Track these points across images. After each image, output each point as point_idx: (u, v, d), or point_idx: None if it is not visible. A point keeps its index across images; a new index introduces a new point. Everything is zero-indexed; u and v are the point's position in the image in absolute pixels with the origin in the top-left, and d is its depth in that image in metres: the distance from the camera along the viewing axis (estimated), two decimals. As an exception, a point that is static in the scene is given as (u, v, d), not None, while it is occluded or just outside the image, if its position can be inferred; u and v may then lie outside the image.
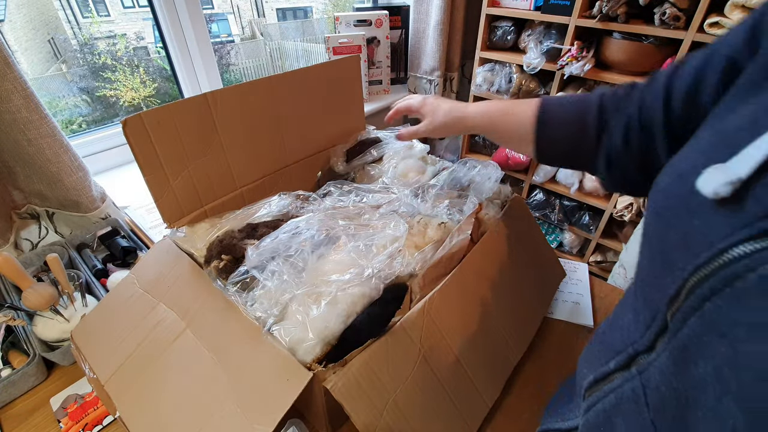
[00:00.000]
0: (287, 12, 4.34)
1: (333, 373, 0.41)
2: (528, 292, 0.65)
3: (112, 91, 1.48)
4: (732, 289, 0.20)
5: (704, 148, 0.27)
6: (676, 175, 0.28)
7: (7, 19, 1.26)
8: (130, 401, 0.46)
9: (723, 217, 0.22)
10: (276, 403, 0.41)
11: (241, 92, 0.62)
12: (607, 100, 0.45)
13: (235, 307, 0.49)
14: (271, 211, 0.58)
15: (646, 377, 0.27)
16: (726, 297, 0.21)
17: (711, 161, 0.24)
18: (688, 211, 0.25)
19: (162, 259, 0.57)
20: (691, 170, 0.25)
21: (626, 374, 0.29)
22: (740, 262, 0.20)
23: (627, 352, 0.30)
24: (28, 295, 0.63)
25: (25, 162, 0.74)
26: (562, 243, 1.82)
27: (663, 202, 0.28)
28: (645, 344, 0.28)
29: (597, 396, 0.32)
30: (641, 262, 0.31)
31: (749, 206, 0.21)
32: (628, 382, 0.29)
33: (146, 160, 0.55)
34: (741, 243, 0.21)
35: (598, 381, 0.33)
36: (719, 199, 0.22)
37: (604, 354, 0.34)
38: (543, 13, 1.39)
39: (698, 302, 0.22)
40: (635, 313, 0.31)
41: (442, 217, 0.57)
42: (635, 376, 0.28)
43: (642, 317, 0.29)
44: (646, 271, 0.30)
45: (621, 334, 0.32)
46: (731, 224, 0.21)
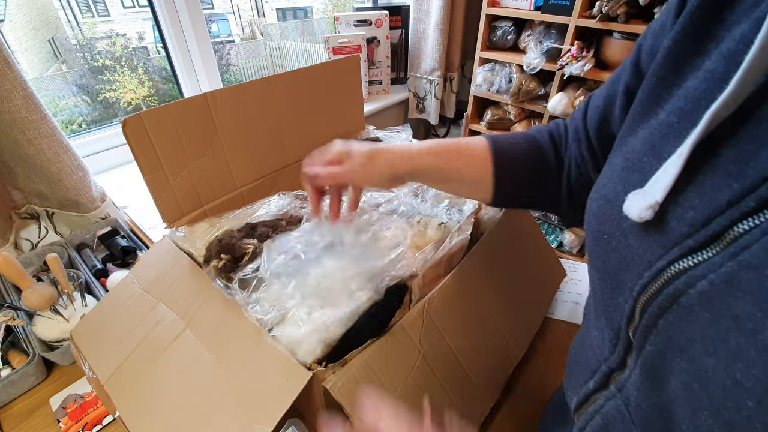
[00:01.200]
0: (287, 12, 4.34)
1: (332, 373, 0.41)
2: (528, 292, 0.65)
3: (112, 92, 1.48)
4: (678, 305, 0.22)
5: (619, 173, 0.29)
6: (604, 200, 0.30)
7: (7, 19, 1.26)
8: (129, 401, 0.46)
9: (654, 236, 0.24)
10: (275, 402, 0.41)
11: (241, 92, 0.62)
12: (557, 138, 0.45)
13: (235, 306, 0.49)
14: (270, 211, 0.58)
15: (625, 395, 0.27)
16: (675, 313, 0.22)
17: (629, 186, 0.26)
18: (622, 233, 0.27)
19: (162, 259, 0.57)
20: (615, 196, 0.27)
21: (606, 393, 0.30)
22: (679, 279, 0.22)
23: (602, 370, 0.30)
24: (27, 295, 0.63)
25: (25, 162, 0.74)
26: (562, 243, 1.82)
27: (598, 226, 0.30)
28: (616, 361, 0.29)
29: (584, 419, 0.32)
30: (593, 282, 0.33)
31: (673, 225, 0.23)
32: (610, 401, 0.29)
33: (146, 160, 0.55)
34: (675, 261, 0.22)
35: (582, 403, 0.33)
36: (644, 222, 0.24)
37: (581, 374, 0.34)
38: (543, 13, 1.39)
39: (652, 320, 0.23)
40: (600, 331, 0.32)
41: (441, 217, 0.57)
42: (615, 395, 0.29)
43: (606, 335, 0.30)
44: (600, 291, 0.31)
45: (593, 353, 0.33)
46: (662, 244, 0.23)
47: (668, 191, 0.23)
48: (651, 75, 0.29)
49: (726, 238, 0.21)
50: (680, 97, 0.26)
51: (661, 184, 0.24)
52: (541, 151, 0.45)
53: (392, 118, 1.87)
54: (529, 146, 0.45)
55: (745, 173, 0.21)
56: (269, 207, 0.59)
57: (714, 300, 0.20)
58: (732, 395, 0.18)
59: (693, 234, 0.22)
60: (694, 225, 0.22)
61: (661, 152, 0.26)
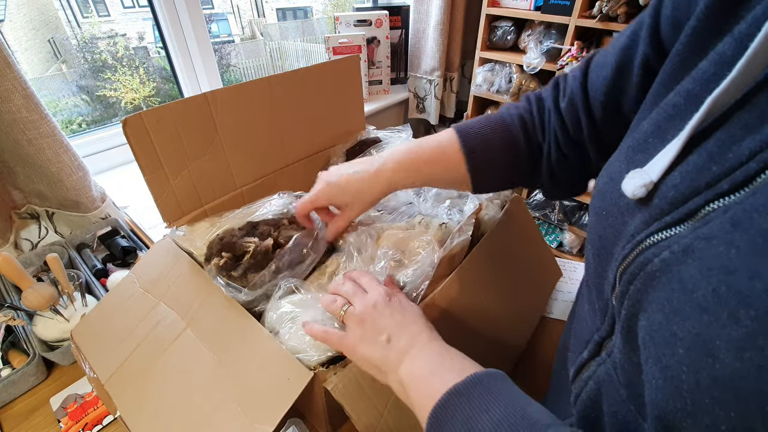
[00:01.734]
0: (287, 12, 4.34)
1: (333, 374, 0.41)
2: (527, 292, 0.65)
3: (112, 91, 1.48)
4: (644, 272, 0.24)
5: (626, 153, 0.30)
6: (608, 178, 0.31)
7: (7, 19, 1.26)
8: (130, 401, 0.46)
9: (641, 213, 0.26)
10: (276, 402, 0.41)
11: (241, 92, 0.62)
12: (528, 121, 0.45)
13: (236, 306, 0.49)
14: (271, 210, 0.58)
15: (613, 359, 0.29)
16: (641, 279, 0.24)
17: (631, 166, 0.27)
18: (619, 210, 0.28)
19: (162, 258, 0.57)
20: (618, 175, 0.28)
21: (599, 359, 0.31)
22: (650, 249, 0.24)
23: (594, 339, 0.32)
24: (28, 295, 0.63)
25: (25, 162, 0.74)
26: (562, 243, 1.82)
27: (599, 203, 0.31)
28: (606, 330, 0.30)
29: (580, 386, 0.34)
30: (588, 258, 0.35)
31: (656, 203, 0.25)
32: (601, 366, 0.31)
33: (146, 159, 0.55)
34: (652, 234, 0.24)
35: (578, 372, 0.34)
36: (638, 199, 0.26)
37: (576, 346, 0.36)
38: (543, 13, 1.39)
39: (625, 287, 0.25)
40: (591, 304, 0.34)
41: (442, 218, 0.57)
42: (606, 360, 0.30)
43: (597, 307, 0.32)
44: (594, 266, 0.33)
45: (586, 325, 0.35)
46: (645, 219, 0.25)
47: (664, 172, 0.24)
48: (674, 55, 0.29)
49: (697, 216, 0.22)
50: (690, 78, 0.26)
51: (659, 165, 0.25)
52: (513, 141, 0.45)
53: (392, 118, 1.87)
54: (500, 139, 0.45)
55: (725, 157, 0.22)
56: (270, 206, 0.59)
57: (671, 267, 0.22)
58: (669, 344, 0.20)
59: (671, 211, 0.24)
60: (673, 203, 0.24)
61: (666, 133, 0.26)
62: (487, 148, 0.45)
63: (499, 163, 0.46)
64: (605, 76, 0.37)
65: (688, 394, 0.19)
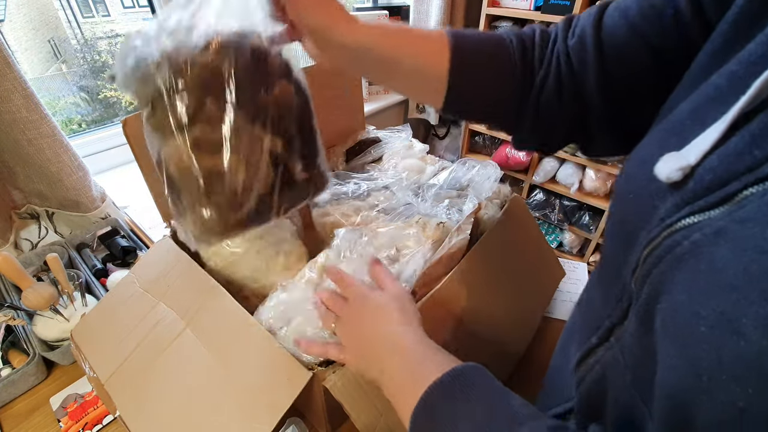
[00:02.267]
0: (287, 12, 4.33)
1: (332, 373, 0.41)
2: (527, 291, 0.65)
3: (112, 91, 1.48)
4: (671, 255, 0.23)
5: (659, 136, 0.30)
6: (639, 161, 0.30)
7: (7, 19, 1.26)
8: (129, 400, 0.46)
9: (673, 197, 0.25)
10: (276, 402, 0.41)
11: (240, 92, 0.62)
12: (527, 42, 0.40)
13: (236, 306, 0.49)
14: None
15: (622, 344, 0.29)
16: (667, 261, 0.24)
17: (665, 149, 0.26)
18: (648, 194, 0.27)
19: (162, 258, 0.57)
20: (649, 157, 0.27)
21: (607, 345, 0.32)
22: (679, 233, 0.23)
23: (605, 325, 0.32)
24: (28, 295, 0.63)
25: (25, 162, 0.74)
26: (562, 243, 1.82)
27: (627, 186, 0.31)
28: (618, 316, 0.30)
29: (585, 370, 0.34)
30: (607, 245, 0.34)
31: (690, 186, 0.24)
32: (609, 351, 0.31)
33: (146, 159, 0.55)
34: (684, 217, 0.24)
35: (584, 357, 0.34)
36: (672, 183, 0.25)
37: (585, 332, 0.36)
38: (543, 13, 1.39)
39: (648, 269, 0.25)
40: (604, 290, 0.34)
41: (440, 217, 0.57)
42: (614, 345, 0.30)
43: (612, 293, 0.32)
44: (613, 250, 0.32)
45: (596, 311, 0.35)
46: (677, 203, 0.24)
47: (702, 156, 0.24)
48: (717, 36, 0.28)
49: (734, 201, 0.22)
50: (736, 60, 0.26)
51: (698, 148, 0.24)
52: (506, 55, 0.39)
53: (392, 118, 1.87)
54: (493, 46, 0.39)
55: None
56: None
57: (701, 248, 0.22)
58: (690, 324, 0.20)
59: (706, 195, 0.23)
60: (710, 187, 0.23)
61: (705, 117, 0.25)
62: (477, 50, 0.39)
63: (485, 68, 0.39)
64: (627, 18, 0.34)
65: (705, 372, 0.19)
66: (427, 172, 0.74)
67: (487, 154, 1.89)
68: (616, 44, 0.35)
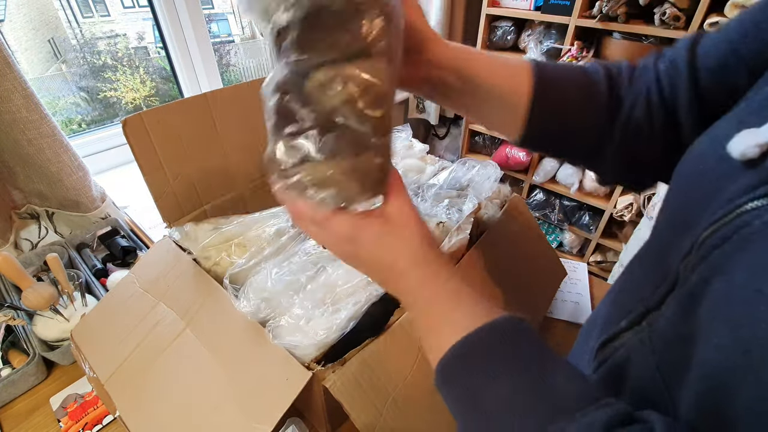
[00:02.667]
0: (287, 12, 4.33)
1: (332, 372, 0.41)
2: (528, 291, 0.65)
3: (112, 91, 1.48)
4: (738, 235, 0.22)
5: (737, 116, 0.28)
6: (710, 140, 0.29)
7: (7, 19, 1.26)
8: (129, 400, 0.46)
9: (745, 177, 0.24)
10: (275, 402, 0.41)
11: (241, 92, 0.62)
12: (614, 71, 0.38)
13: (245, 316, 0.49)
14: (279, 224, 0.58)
15: (654, 328, 0.28)
16: (733, 242, 0.22)
17: (742, 127, 0.25)
18: (716, 173, 0.26)
19: (162, 258, 0.57)
20: (724, 136, 0.26)
21: (637, 329, 0.31)
22: (749, 213, 0.22)
23: (638, 310, 0.31)
24: (28, 295, 0.63)
25: (25, 162, 0.74)
26: (562, 243, 1.82)
27: (693, 165, 0.29)
28: (655, 300, 0.29)
29: (608, 352, 0.33)
30: (658, 226, 0.33)
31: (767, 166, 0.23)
32: (638, 335, 0.30)
33: (146, 159, 0.55)
34: (757, 198, 0.22)
35: (610, 339, 0.34)
36: (746, 161, 0.24)
37: (615, 316, 0.35)
38: (543, 13, 1.39)
39: (708, 251, 0.24)
40: (642, 277, 0.33)
41: (440, 217, 0.57)
42: (644, 329, 0.30)
43: (652, 278, 0.30)
44: (663, 234, 0.31)
45: (631, 296, 0.34)
46: (751, 183, 0.23)
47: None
48: None
49: None
50: None
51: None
52: (592, 83, 0.37)
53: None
54: (577, 75, 0.38)
55: None
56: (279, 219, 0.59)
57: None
58: (748, 302, 0.20)
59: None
60: None
61: None
62: (560, 76, 0.37)
63: (569, 96, 0.37)
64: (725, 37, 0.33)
65: (758, 350, 0.19)
66: (427, 172, 0.74)
67: (487, 154, 1.89)
68: (711, 65, 0.33)
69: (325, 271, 0.51)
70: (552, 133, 0.39)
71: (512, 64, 0.37)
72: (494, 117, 0.40)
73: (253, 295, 0.47)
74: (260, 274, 0.50)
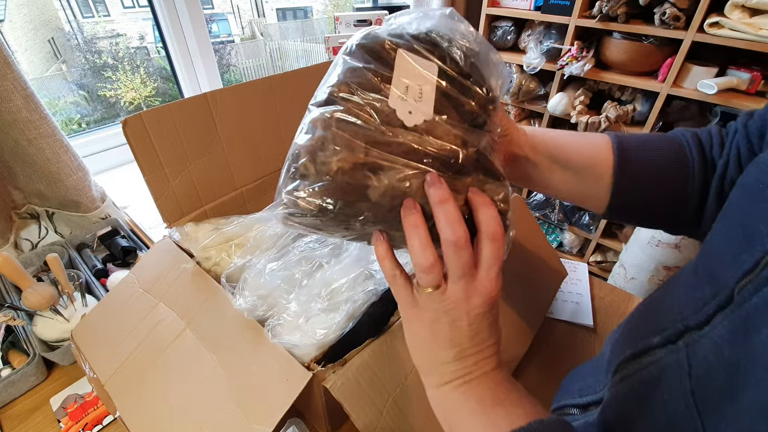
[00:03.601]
0: (287, 12, 4.34)
1: (332, 373, 0.41)
2: (528, 291, 0.65)
3: (112, 91, 1.48)
4: None
5: None
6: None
7: (7, 19, 1.26)
8: (130, 401, 0.46)
9: None
10: (276, 402, 0.41)
11: (241, 92, 0.62)
12: (703, 137, 0.37)
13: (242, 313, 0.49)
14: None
15: (693, 350, 0.27)
16: None
17: None
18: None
19: (162, 258, 0.57)
20: None
21: (671, 347, 0.29)
22: None
23: (676, 327, 0.29)
24: (28, 295, 0.63)
25: (25, 162, 0.74)
26: (562, 243, 1.82)
27: (758, 175, 0.28)
28: (699, 320, 0.27)
29: (634, 368, 0.32)
30: (712, 240, 0.31)
31: None
32: (672, 354, 0.28)
33: (146, 160, 0.55)
34: None
35: (636, 355, 0.32)
36: None
37: (645, 331, 0.33)
38: (543, 13, 1.39)
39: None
40: (690, 291, 0.31)
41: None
42: (681, 349, 0.28)
43: (699, 294, 0.29)
44: (718, 247, 0.29)
45: (669, 311, 0.32)
46: None
47: None
48: None
49: None
50: None
51: None
52: (678, 144, 0.36)
53: (392, 118, 1.87)
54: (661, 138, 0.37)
55: None
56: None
57: None
58: None
59: None
60: None
61: None
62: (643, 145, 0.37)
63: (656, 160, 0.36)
64: None
65: None
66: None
67: (488, 154, 1.89)
68: None
69: (321, 267, 0.51)
70: (640, 200, 0.38)
71: (594, 141, 0.37)
72: (580, 188, 0.39)
73: (248, 292, 0.47)
74: (254, 270, 0.50)
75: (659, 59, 1.26)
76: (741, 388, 0.21)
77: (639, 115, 1.38)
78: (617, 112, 1.35)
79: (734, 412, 0.21)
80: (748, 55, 1.12)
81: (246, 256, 0.53)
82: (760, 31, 1.04)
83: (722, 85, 1.14)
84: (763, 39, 1.05)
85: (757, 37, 1.05)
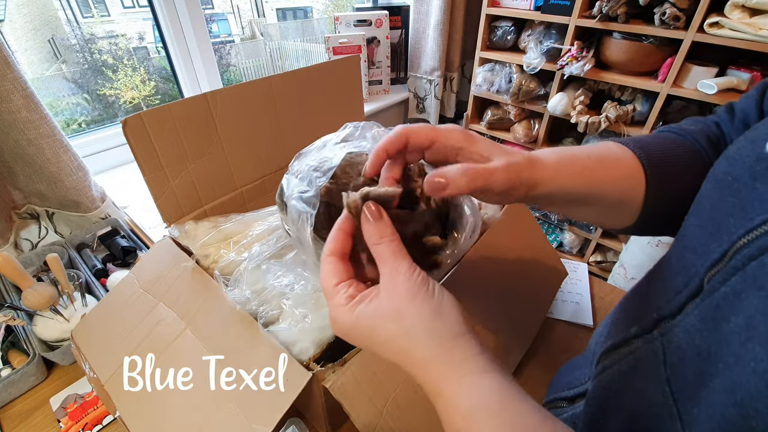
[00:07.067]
0: (287, 12, 4.34)
1: (332, 372, 0.41)
2: (529, 291, 0.65)
3: (112, 91, 1.48)
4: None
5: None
6: (748, 141, 0.27)
7: (7, 19, 1.26)
8: (129, 401, 0.46)
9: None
10: (275, 402, 0.41)
11: (241, 92, 0.62)
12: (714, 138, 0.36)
13: (235, 306, 0.49)
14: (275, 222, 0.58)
15: (667, 338, 0.27)
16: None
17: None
18: (752, 176, 0.24)
19: (162, 258, 0.57)
20: (762, 138, 0.25)
21: (647, 337, 0.30)
22: None
23: (651, 317, 0.30)
24: (28, 295, 0.63)
25: (25, 162, 0.74)
26: (562, 243, 1.82)
27: (727, 167, 0.28)
28: (672, 309, 0.28)
29: (614, 358, 0.32)
30: (684, 231, 0.31)
31: None
32: (649, 344, 0.29)
33: (146, 159, 0.55)
34: None
35: (616, 346, 0.33)
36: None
37: (624, 322, 0.34)
38: (543, 13, 1.39)
39: (743, 262, 0.22)
40: (664, 281, 0.31)
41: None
42: (656, 338, 0.28)
43: (672, 284, 0.29)
44: (690, 239, 0.29)
45: (644, 301, 0.33)
46: None
47: None
48: None
49: None
50: None
51: None
52: (700, 158, 0.35)
53: (392, 118, 1.87)
54: (685, 153, 0.35)
55: None
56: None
57: None
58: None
59: None
60: None
61: None
62: (671, 164, 0.35)
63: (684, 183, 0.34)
64: None
65: None
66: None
67: (487, 154, 1.89)
68: None
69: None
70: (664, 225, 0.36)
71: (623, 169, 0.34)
72: (600, 218, 0.38)
73: (244, 285, 0.48)
74: (251, 263, 0.50)
75: (659, 59, 1.26)
76: (712, 375, 0.21)
77: (639, 115, 1.38)
78: (617, 112, 1.35)
79: (707, 398, 0.21)
80: (748, 55, 1.12)
81: (243, 253, 0.53)
82: (760, 31, 1.04)
83: (722, 85, 1.14)
84: (763, 39, 1.05)
85: (757, 37, 1.05)
